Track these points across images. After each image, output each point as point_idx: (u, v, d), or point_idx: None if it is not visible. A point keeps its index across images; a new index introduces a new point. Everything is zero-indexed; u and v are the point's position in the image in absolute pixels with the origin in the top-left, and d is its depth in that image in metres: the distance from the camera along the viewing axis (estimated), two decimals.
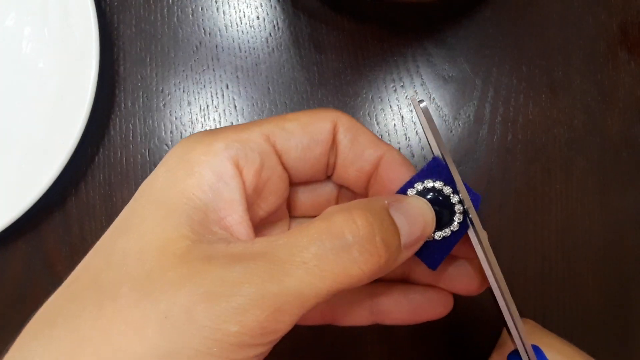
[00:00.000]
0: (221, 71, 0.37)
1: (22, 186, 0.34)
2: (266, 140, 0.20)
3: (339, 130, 0.21)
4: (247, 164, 0.19)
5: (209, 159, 0.18)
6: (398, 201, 0.19)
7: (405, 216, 0.19)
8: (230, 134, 0.19)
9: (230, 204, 0.18)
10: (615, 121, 0.37)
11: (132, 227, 0.18)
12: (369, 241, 0.17)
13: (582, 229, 0.37)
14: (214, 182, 0.18)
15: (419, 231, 0.19)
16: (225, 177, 0.18)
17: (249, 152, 0.19)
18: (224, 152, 0.19)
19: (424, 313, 0.23)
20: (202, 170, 0.18)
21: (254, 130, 0.20)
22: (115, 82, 0.37)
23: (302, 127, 0.20)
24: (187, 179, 0.18)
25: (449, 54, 0.37)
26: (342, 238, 0.16)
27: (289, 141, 0.20)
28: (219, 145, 0.19)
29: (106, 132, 0.36)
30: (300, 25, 0.37)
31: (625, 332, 0.37)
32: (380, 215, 0.18)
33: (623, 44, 0.37)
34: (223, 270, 0.16)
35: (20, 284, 0.36)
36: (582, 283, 0.37)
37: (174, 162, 0.19)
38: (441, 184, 0.20)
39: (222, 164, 0.18)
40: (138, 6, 0.37)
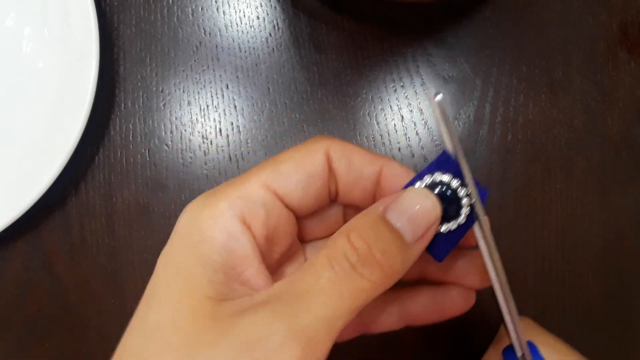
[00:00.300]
0: (221, 71, 0.37)
1: (22, 186, 0.34)
2: (266, 190, 0.20)
3: (333, 158, 0.21)
4: (253, 219, 0.20)
5: (216, 221, 0.19)
6: (394, 202, 0.19)
7: (403, 214, 0.19)
8: (231, 192, 0.20)
9: (244, 259, 0.19)
10: (615, 121, 0.37)
11: (160, 299, 0.19)
12: (369, 256, 0.18)
13: (582, 228, 0.37)
14: (225, 242, 0.19)
15: (424, 223, 0.19)
16: (235, 235, 0.19)
17: (252, 207, 0.20)
18: (229, 212, 0.19)
19: (449, 310, 0.24)
20: (212, 234, 0.19)
21: (253, 181, 0.20)
22: (115, 82, 0.37)
23: (296, 165, 0.21)
24: (200, 245, 0.19)
25: (449, 54, 0.37)
26: (346, 261, 0.18)
27: (288, 184, 0.20)
28: (223, 206, 0.19)
29: (106, 132, 0.36)
30: (300, 25, 0.37)
31: (626, 332, 0.37)
32: (374, 229, 0.19)
33: (623, 44, 0.37)
34: (252, 316, 0.17)
35: (20, 284, 0.36)
36: (582, 283, 0.37)
37: (185, 230, 0.20)
38: (450, 176, 0.20)
39: (230, 223, 0.19)
40: (138, 6, 0.37)
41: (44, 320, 0.36)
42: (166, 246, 0.20)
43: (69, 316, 0.36)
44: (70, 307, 0.36)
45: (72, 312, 0.36)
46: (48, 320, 0.36)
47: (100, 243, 0.36)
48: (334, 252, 0.18)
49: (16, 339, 0.36)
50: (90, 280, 0.36)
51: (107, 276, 0.36)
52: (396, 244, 0.19)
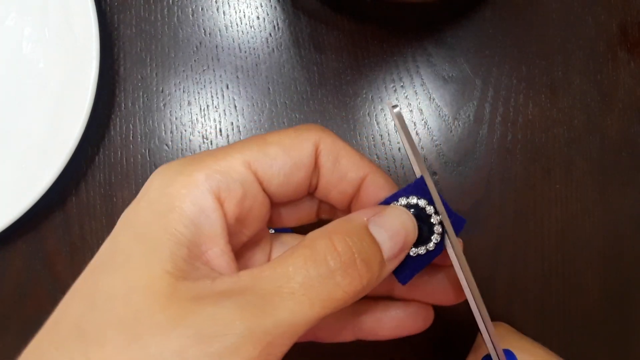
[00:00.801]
0: (221, 71, 0.37)
1: (22, 186, 0.34)
2: (247, 168, 0.19)
3: (321, 152, 0.20)
4: (228, 196, 0.19)
5: (189, 191, 0.18)
6: (378, 215, 0.19)
7: (385, 229, 0.19)
8: (210, 164, 0.19)
9: (211, 238, 0.18)
10: (615, 121, 0.37)
11: (115, 266, 0.17)
12: (350, 265, 0.17)
13: (582, 228, 0.37)
14: (195, 216, 0.18)
15: (401, 243, 0.19)
16: (207, 211, 0.18)
17: (230, 183, 0.19)
18: (204, 184, 0.18)
19: (405, 328, 0.23)
20: (183, 204, 0.18)
21: (235, 157, 0.19)
22: (115, 82, 0.37)
23: (284, 151, 0.20)
24: (169, 214, 0.18)
25: (449, 54, 0.37)
26: (325, 265, 0.17)
27: (271, 168, 0.19)
28: (199, 177, 0.18)
29: (106, 132, 0.36)
30: (300, 25, 0.37)
31: (625, 332, 0.37)
32: (359, 236, 0.18)
33: (623, 44, 0.37)
34: (212, 308, 0.16)
35: (21, 283, 0.36)
36: (582, 282, 0.37)
37: (155, 195, 0.18)
38: (425, 202, 0.20)
39: (203, 196, 0.18)
40: (138, 6, 0.37)
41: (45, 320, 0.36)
42: (130, 206, 0.19)
43: None
44: None
45: None
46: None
47: (100, 243, 0.36)
48: (313, 254, 0.17)
49: (16, 339, 0.36)
50: None
51: None
52: (376, 257, 0.18)
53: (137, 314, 0.16)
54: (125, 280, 0.17)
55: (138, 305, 0.16)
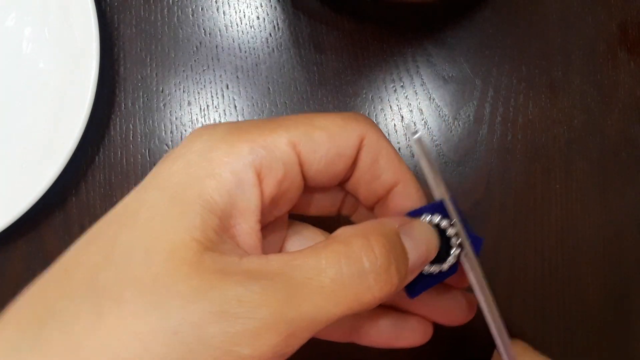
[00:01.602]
0: (221, 71, 0.37)
1: (22, 186, 0.34)
2: (292, 148, 0.18)
3: (364, 147, 0.20)
4: (269, 174, 0.18)
5: (230, 161, 0.17)
6: (407, 226, 0.19)
7: (412, 241, 0.18)
8: (256, 137, 0.18)
9: (243, 213, 0.17)
10: (615, 121, 0.37)
11: (138, 220, 0.16)
12: (385, 270, 0.17)
13: (582, 228, 0.37)
14: (233, 187, 0.17)
15: (423, 258, 0.19)
16: (245, 185, 0.17)
17: (273, 162, 0.18)
18: (247, 157, 0.17)
19: (401, 340, 0.23)
20: (223, 173, 0.17)
21: (282, 134, 0.18)
22: (115, 82, 0.37)
23: (330, 138, 0.19)
24: (207, 179, 0.17)
25: (449, 54, 0.37)
26: (359, 264, 0.16)
27: (315, 153, 0.19)
28: (243, 148, 0.18)
29: (106, 132, 0.36)
30: (300, 25, 0.37)
31: (626, 331, 0.37)
32: (394, 243, 0.17)
33: (623, 44, 0.37)
34: (239, 288, 0.15)
35: (21, 284, 0.36)
36: (582, 283, 0.37)
37: (194, 157, 0.17)
38: (447, 223, 0.20)
39: (244, 170, 0.17)
40: (138, 6, 0.37)
41: None
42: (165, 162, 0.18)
43: None
44: None
45: None
46: None
47: None
48: (348, 251, 0.16)
49: None
50: None
51: None
52: (405, 265, 0.18)
53: (157, 279, 0.15)
54: (149, 238, 0.16)
55: (160, 269, 0.15)
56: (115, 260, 0.16)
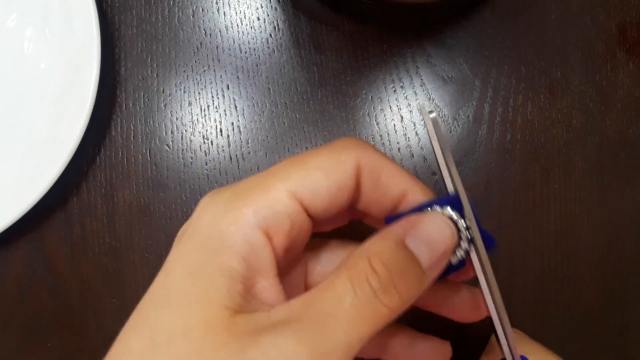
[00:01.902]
0: (222, 72, 0.37)
1: (23, 186, 0.34)
2: (293, 199, 0.19)
3: (362, 172, 0.20)
4: (277, 230, 0.19)
5: (239, 229, 0.18)
6: (414, 227, 0.19)
7: (423, 240, 0.19)
8: (257, 197, 0.19)
9: (261, 272, 0.19)
10: (613, 121, 0.37)
11: (171, 304, 0.18)
12: (388, 285, 0.18)
13: (580, 228, 0.37)
14: (246, 253, 0.18)
15: (441, 251, 0.19)
16: (257, 248, 0.18)
17: (278, 218, 0.19)
18: (253, 220, 0.19)
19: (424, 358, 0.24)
20: (234, 242, 0.18)
21: (279, 188, 0.19)
22: (116, 82, 0.37)
23: (326, 176, 0.20)
24: (221, 252, 0.18)
25: (449, 54, 0.37)
26: (368, 285, 0.18)
27: (315, 195, 0.19)
28: (248, 214, 0.19)
29: (107, 133, 0.37)
30: (300, 26, 0.37)
31: (624, 331, 0.37)
32: (395, 255, 0.18)
33: (622, 44, 0.37)
34: (273, 337, 0.16)
35: (22, 284, 0.36)
36: (581, 282, 0.37)
37: (206, 232, 0.19)
38: (458, 216, 0.20)
39: (252, 233, 0.18)
40: (139, 7, 0.37)
41: (45, 320, 0.36)
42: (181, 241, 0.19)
43: (70, 316, 0.36)
44: (72, 307, 0.36)
45: (73, 311, 0.36)
46: (49, 319, 0.36)
47: (101, 243, 0.36)
48: (356, 275, 0.18)
49: (17, 339, 0.36)
50: (91, 280, 0.36)
51: (108, 276, 0.36)
52: (413, 271, 0.18)
53: (200, 350, 0.16)
54: (185, 317, 0.17)
55: (200, 342, 0.17)
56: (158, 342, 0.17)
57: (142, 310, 0.18)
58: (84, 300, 0.36)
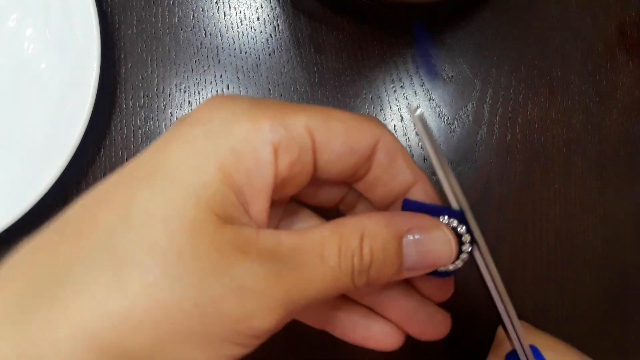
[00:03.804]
0: (222, 72, 0.37)
1: (23, 186, 0.34)
2: (309, 133, 0.18)
3: (379, 149, 0.20)
4: (285, 154, 0.18)
5: (252, 138, 0.17)
6: (422, 231, 0.19)
7: (419, 247, 0.19)
8: (277, 114, 0.18)
9: (258, 191, 0.18)
10: (613, 121, 0.37)
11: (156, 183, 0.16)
12: (364, 270, 0.18)
13: (580, 228, 0.37)
14: (252, 166, 0.17)
15: (430, 264, 0.20)
16: (263, 163, 0.17)
17: (290, 143, 0.18)
18: (268, 135, 0.17)
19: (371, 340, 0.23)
20: (244, 150, 0.17)
21: (301, 117, 0.18)
22: (116, 82, 0.37)
23: (346, 131, 0.19)
24: (228, 155, 0.17)
25: (448, 54, 0.37)
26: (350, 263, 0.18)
27: (330, 142, 0.19)
28: (265, 125, 0.17)
29: (107, 133, 0.37)
30: (300, 26, 0.37)
31: (625, 331, 0.37)
32: (386, 246, 0.19)
33: (621, 44, 0.37)
34: (257, 266, 0.16)
35: None
36: (581, 283, 0.37)
37: (217, 127, 0.17)
38: (463, 230, 0.20)
39: (263, 147, 0.17)
40: (139, 7, 0.37)
41: None
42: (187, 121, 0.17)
43: None
44: None
45: None
46: None
47: None
48: (345, 247, 0.18)
49: None
50: None
51: None
52: (392, 266, 0.19)
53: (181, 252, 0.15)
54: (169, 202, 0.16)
55: (181, 241, 0.15)
56: (133, 225, 0.15)
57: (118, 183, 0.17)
58: None
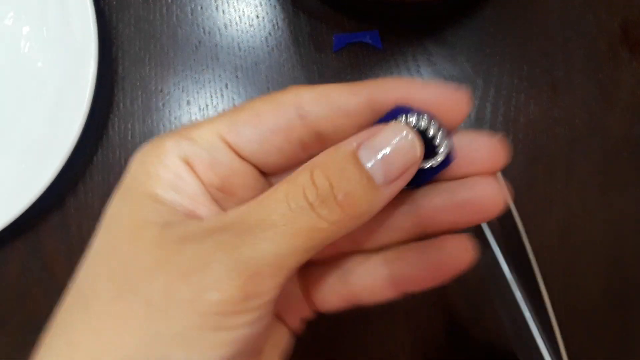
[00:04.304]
0: (220, 70, 0.37)
1: (20, 186, 0.34)
2: (217, 136, 0.19)
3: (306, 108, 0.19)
4: (196, 161, 0.19)
5: (160, 158, 0.18)
6: (370, 139, 0.17)
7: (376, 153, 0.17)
8: (180, 132, 0.19)
9: (195, 198, 0.18)
10: (616, 120, 0.37)
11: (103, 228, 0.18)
12: (328, 197, 0.17)
13: (583, 228, 0.37)
14: (172, 180, 0.18)
15: (399, 165, 0.18)
16: (181, 174, 0.18)
17: (197, 150, 0.19)
18: (173, 150, 0.18)
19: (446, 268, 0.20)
20: (157, 171, 0.18)
21: (205, 127, 0.19)
22: (114, 81, 0.36)
23: (254, 117, 0.19)
24: (147, 181, 0.18)
25: (450, 53, 0.37)
26: (304, 199, 0.17)
27: (241, 136, 0.19)
28: (168, 144, 0.19)
29: (105, 132, 0.36)
30: (300, 24, 0.37)
31: (627, 332, 0.37)
32: (341, 168, 0.17)
33: (624, 43, 0.37)
34: (196, 245, 0.16)
35: (19, 284, 0.36)
36: (583, 283, 0.37)
37: (134, 168, 0.19)
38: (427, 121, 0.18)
39: (172, 161, 0.18)
40: (137, 5, 0.37)
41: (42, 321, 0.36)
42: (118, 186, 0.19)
43: None
44: None
45: None
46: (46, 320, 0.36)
47: None
48: (293, 188, 0.17)
49: (14, 339, 0.36)
50: None
51: None
52: (363, 186, 0.17)
53: (125, 263, 0.17)
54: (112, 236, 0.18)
55: (126, 255, 0.17)
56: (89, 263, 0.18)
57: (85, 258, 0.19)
58: None
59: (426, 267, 0.20)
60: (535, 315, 0.19)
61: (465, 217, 0.20)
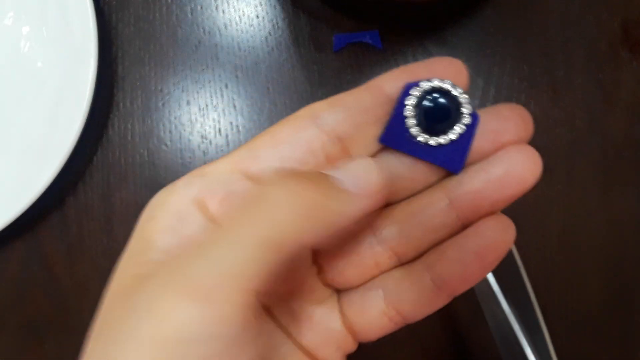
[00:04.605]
0: (220, 70, 0.36)
1: (20, 186, 0.34)
2: (232, 168, 0.18)
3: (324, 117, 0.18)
4: (209, 197, 0.18)
5: (167, 200, 0.18)
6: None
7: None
8: (196, 170, 0.19)
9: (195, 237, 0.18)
10: (616, 121, 0.37)
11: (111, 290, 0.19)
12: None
13: (583, 229, 0.36)
14: (173, 223, 0.18)
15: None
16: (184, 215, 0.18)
17: (210, 185, 0.18)
18: (182, 190, 0.18)
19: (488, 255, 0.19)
20: (160, 213, 0.18)
21: (220, 160, 0.19)
22: (113, 81, 0.36)
23: (272, 138, 0.18)
24: (146, 223, 0.18)
25: (450, 53, 0.37)
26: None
27: (260, 159, 0.18)
28: (179, 184, 0.18)
29: (104, 132, 0.36)
30: (300, 24, 0.37)
31: (627, 332, 0.37)
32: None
33: (625, 43, 0.37)
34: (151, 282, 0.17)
35: (18, 285, 0.36)
36: (583, 283, 0.37)
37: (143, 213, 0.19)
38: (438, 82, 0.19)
39: (179, 202, 0.18)
40: (137, 5, 0.37)
41: (42, 321, 0.36)
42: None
43: (67, 317, 0.36)
44: (69, 308, 0.36)
45: (70, 312, 0.36)
46: (46, 321, 0.36)
47: (98, 243, 0.36)
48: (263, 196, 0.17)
49: (14, 340, 0.36)
50: (88, 281, 0.36)
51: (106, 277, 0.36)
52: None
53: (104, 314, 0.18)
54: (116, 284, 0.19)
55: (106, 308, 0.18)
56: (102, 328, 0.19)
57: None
58: (80, 302, 0.36)
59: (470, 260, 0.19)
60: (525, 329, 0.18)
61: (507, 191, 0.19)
